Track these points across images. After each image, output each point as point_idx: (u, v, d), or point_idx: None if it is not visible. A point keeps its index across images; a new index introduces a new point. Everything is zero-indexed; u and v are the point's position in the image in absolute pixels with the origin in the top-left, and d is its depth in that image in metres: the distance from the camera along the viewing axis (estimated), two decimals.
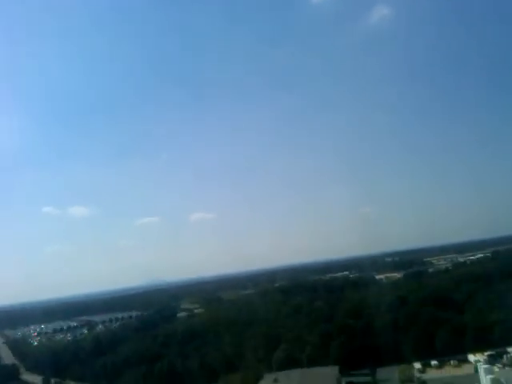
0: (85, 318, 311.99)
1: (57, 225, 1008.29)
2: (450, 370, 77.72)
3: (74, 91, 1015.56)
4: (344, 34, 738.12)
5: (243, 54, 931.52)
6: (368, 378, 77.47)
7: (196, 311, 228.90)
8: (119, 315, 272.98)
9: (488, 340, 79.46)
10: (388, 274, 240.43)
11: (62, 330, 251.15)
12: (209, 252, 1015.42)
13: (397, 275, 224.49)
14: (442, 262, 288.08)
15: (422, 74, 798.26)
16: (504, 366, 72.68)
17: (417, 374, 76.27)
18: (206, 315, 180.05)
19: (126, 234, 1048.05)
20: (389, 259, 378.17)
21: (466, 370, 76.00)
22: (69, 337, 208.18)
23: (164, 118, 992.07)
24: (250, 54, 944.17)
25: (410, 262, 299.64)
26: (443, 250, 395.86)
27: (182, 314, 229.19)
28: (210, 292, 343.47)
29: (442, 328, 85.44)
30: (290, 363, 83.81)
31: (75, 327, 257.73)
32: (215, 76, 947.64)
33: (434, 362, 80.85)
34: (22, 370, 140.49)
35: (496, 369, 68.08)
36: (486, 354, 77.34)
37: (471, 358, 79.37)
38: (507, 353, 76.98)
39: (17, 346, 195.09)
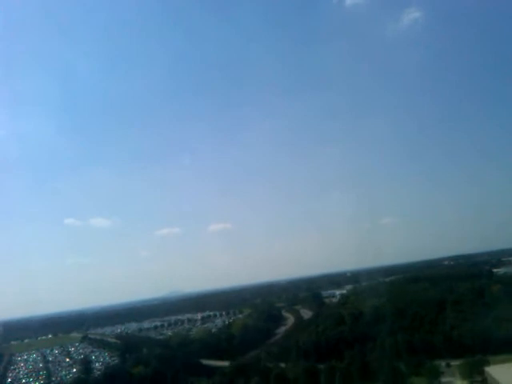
0: (173, 317, 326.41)
1: (78, 236, 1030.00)
2: None
3: (95, 101, 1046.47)
4: (374, 36, 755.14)
5: (272, 59, 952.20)
6: None
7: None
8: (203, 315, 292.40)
9: None
10: None
11: (176, 323, 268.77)
12: (226, 263, 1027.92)
13: None
14: None
15: (452, 79, 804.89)
16: None
17: None
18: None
19: (145, 245, 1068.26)
20: None
21: None
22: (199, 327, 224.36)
23: (185, 127, 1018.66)
24: (279, 58, 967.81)
25: None
26: None
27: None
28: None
29: None
30: None
31: (182, 321, 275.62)
32: (240, 83, 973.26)
33: None
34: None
35: None
36: None
37: None
38: None
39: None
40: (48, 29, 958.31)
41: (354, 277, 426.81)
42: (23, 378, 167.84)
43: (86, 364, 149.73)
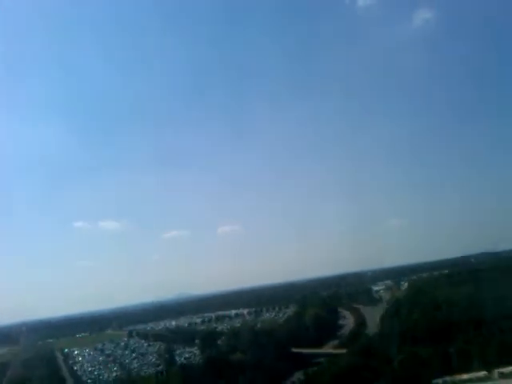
0: (210, 314, 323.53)
1: (88, 239, 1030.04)
2: None
3: (105, 103, 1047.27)
4: (386, 36, 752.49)
5: (283, 60, 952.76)
6: None
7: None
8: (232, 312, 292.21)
9: None
10: None
11: (221, 318, 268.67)
12: (235, 265, 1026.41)
13: None
14: None
15: (462, 81, 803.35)
16: None
17: None
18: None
19: (154, 248, 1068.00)
20: None
21: None
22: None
23: (194, 129, 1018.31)
24: (290, 60, 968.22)
25: None
26: None
27: None
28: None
29: None
30: None
31: (227, 316, 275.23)
32: (250, 85, 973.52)
33: None
34: None
35: None
36: None
37: None
38: None
39: None
40: (55, 29, 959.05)
41: (378, 275, 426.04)
42: (93, 369, 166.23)
43: (169, 354, 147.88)
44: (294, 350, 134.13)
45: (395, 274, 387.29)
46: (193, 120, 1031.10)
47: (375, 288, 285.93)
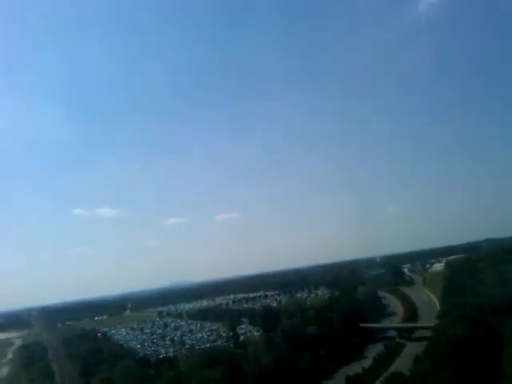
0: (235, 295, 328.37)
1: (86, 226, 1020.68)
2: None
3: (103, 90, 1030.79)
4: (391, 22, 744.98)
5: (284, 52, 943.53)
6: None
7: None
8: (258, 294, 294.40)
9: None
10: None
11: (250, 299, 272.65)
12: (233, 252, 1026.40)
13: None
14: None
15: (468, 67, 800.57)
16: None
17: None
18: None
19: (152, 235, 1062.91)
20: None
21: None
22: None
23: (193, 117, 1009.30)
24: (295, 51, 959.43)
25: None
26: None
27: None
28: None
29: None
30: None
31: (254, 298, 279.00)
32: (254, 74, 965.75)
33: None
34: None
35: None
36: None
37: None
38: None
39: None
40: (55, 15, 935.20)
41: (387, 261, 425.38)
42: (143, 346, 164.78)
43: (232, 328, 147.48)
44: (362, 325, 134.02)
45: (401, 260, 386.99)
46: (193, 108, 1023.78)
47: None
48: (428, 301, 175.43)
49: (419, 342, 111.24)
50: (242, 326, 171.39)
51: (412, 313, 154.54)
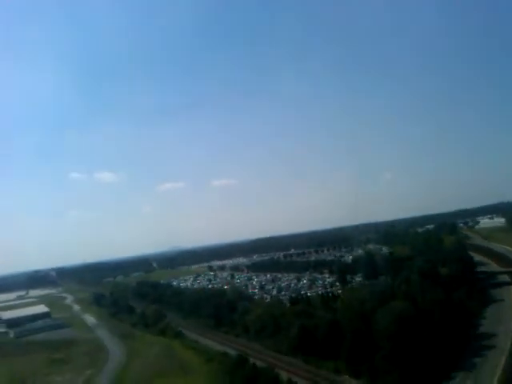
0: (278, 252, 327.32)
1: (82, 190, 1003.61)
2: None
3: (103, 54, 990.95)
4: None
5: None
6: None
7: None
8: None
9: None
10: None
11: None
12: (226, 218, 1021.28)
13: None
14: None
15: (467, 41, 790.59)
16: None
17: None
18: None
19: (148, 200, 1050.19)
20: None
21: None
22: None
23: (193, 82, 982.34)
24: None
25: None
26: None
27: None
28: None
29: None
30: None
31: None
32: (258, 45, 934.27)
33: None
34: None
35: None
36: None
37: None
38: None
39: None
40: None
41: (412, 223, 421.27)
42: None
43: (343, 275, 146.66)
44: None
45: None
46: (193, 72, 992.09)
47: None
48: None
49: None
50: (326, 276, 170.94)
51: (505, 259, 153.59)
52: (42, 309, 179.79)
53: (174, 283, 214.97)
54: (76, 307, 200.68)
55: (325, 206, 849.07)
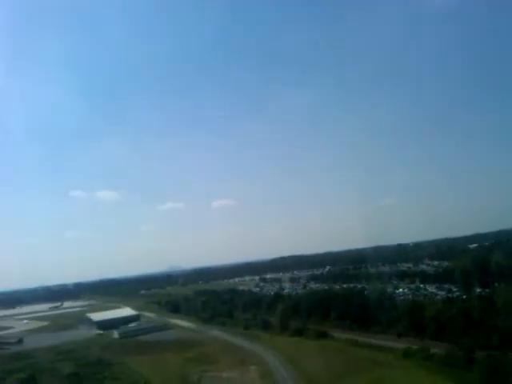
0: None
1: (83, 209, 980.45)
2: None
3: (108, 69, 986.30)
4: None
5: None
6: None
7: None
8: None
9: None
10: None
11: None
12: (226, 239, 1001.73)
13: None
14: None
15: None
16: None
17: None
18: None
19: (148, 219, 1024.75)
20: None
21: None
22: None
23: (194, 103, 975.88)
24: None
25: None
26: None
27: None
28: None
29: None
30: None
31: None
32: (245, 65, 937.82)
33: None
34: None
35: None
36: None
37: None
38: None
39: None
40: None
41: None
42: None
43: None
44: None
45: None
46: (196, 92, 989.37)
47: None
48: None
49: None
50: (421, 285, 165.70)
51: None
52: (129, 311, 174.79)
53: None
54: (149, 314, 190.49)
55: (332, 229, 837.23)
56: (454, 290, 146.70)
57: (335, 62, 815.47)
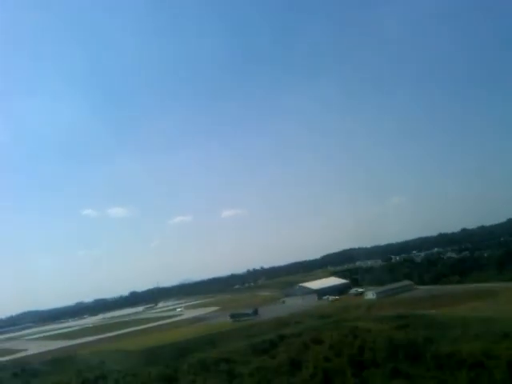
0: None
1: (94, 227, 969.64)
2: None
3: (116, 87, 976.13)
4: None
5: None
6: None
7: None
8: None
9: None
10: None
11: None
12: (240, 249, 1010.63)
13: None
14: None
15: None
16: None
17: None
18: None
19: (159, 234, 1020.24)
20: None
21: None
22: None
23: (201, 115, 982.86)
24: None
25: None
26: None
27: None
28: None
29: None
30: None
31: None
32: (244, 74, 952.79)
33: None
34: None
35: None
36: None
37: None
38: None
39: None
40: None
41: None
42: None
43: None
44: None
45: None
46: (203, 105, 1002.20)
47: None
48: None
49: None
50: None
51: None
52: (339, 280, 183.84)
53: None
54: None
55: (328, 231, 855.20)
56: None
57: (343, 64, 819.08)
